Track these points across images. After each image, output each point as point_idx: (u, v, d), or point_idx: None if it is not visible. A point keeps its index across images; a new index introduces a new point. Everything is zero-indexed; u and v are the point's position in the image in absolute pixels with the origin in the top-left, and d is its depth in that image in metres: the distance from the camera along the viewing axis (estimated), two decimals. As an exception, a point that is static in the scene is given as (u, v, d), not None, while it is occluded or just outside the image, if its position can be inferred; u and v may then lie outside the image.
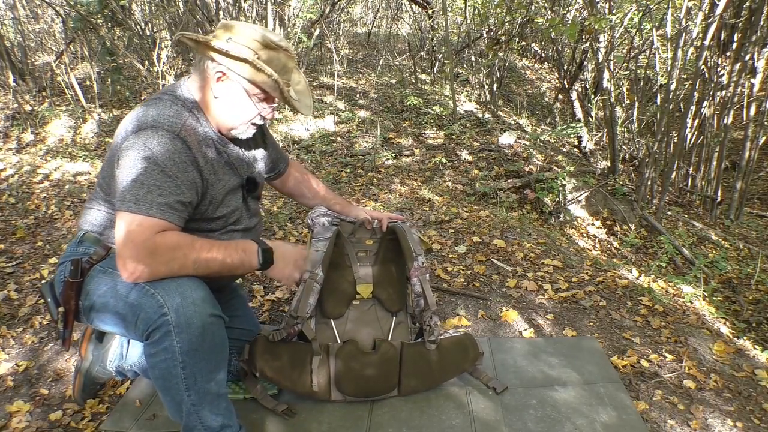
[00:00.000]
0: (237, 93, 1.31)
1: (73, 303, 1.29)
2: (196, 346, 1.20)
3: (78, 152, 4.67)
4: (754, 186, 6.36)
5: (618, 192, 4.75)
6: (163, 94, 1.31)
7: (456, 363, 1.67)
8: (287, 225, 3.09)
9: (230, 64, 1.27)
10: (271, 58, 1.29)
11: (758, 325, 2.88)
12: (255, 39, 1.27)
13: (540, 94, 8.73)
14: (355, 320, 1.68)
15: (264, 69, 1.26)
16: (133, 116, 1.25)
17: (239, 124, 1.35)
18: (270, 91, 1.32)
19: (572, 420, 1.57)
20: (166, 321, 1.17)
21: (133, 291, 1.21)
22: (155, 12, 6.55)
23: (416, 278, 1.64)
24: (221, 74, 1.29)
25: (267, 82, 1.29)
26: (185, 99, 1.31)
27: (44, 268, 2.38)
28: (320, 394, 1.54)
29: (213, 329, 1.23)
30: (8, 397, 1.64)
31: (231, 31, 1.27)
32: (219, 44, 1.25)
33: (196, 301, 1.19)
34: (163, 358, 1.20)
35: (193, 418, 1.27)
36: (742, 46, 4.39)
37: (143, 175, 1.17)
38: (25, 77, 5.86)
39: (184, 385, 1.23)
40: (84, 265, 1.29)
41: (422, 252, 1.69)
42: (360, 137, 5.58)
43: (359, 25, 12.03)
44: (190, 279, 1.22)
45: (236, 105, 1.32)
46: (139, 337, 1.23)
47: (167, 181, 1.19)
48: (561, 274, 2.59)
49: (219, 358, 1.28)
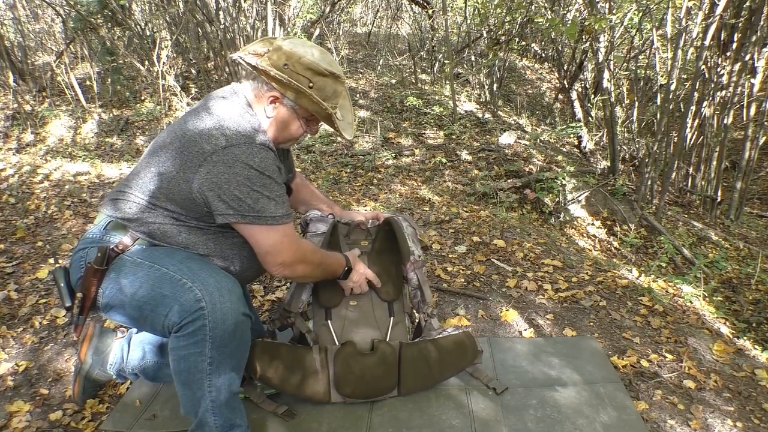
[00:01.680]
0: (289, 116, 1.38)
1: (93, 290, 1.29)
2: (226, 342, 1.23)
3: (78, 152, 4.68)
4: (754, 186, 6.37)
5: (618, 192, 4.75)
6: (233, 101, 1.34)
7: (455, 361, 1.67)
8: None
9: (285, 91, 1.32)
10: (324, 85, 1.33)
11: (758, 325, 2.88)
12: (310, 68, 1.30)
13: (540, 94, 8.73)
14: (353, 321, 1.68)
15: (320, 103, 1.33)
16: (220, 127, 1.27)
17: (287, 141, 1.44)
18: (321, 119, 1.40)
19: (572, 420, 1.57)
20: (202, 315, 1.19)
21: (167, 282, 1.22)
22: (155, 12, 6.55)
23: (413, 272, 1.67)
24: (274, 98, 1.34)
25: (319, 111, 1.36)
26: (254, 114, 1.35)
27: (44, 268, 2.38)
28: (320, 396, 1.54)
29: (243, 328, 1.28)
30: (8, 397, 1.64)
31: (288, 56, 1.29)
32: (277, 74, 1.28)
33: (232, 298, 1.24)
34: (192, 351, 1.22)
35: (208, 414, 1.28)
36: (742, 46, 4.39)
37: (264, 189, 1.26)
38: (25, 77, 5.86)
39: (207, 380, 1.25)
40: (110, 253, 1.29)
41: (418, 245, 1.72)
42: (360, 137, 5.58)
43: (359, 25, 12.03)
44: (226, 276, 1.29)
45: (287, 126, 1.39)
46: (165, 329, 1.24)
47: (281, 188, 1.32)
48: (561, 274, 2.59)
49: (242, 357, 1.33)
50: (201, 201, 1.27)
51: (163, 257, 1.28)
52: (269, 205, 1.26)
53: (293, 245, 1.34)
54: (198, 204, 1.28)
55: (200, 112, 1.31)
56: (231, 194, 1.23)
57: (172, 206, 1.30)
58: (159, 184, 1.30)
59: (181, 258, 1.29)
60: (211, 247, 1.35)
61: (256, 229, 1.28)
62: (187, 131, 1.28)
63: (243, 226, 1.28)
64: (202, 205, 1.27)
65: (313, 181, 4.38)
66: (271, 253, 1.31)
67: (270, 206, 1.27)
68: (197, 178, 1.24)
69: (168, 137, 1.32)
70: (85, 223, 2.95)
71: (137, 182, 1.33)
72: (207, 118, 1.29)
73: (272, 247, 1.30)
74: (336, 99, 1.38)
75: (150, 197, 1.31)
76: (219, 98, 1.35)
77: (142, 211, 1.32)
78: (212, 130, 1.26)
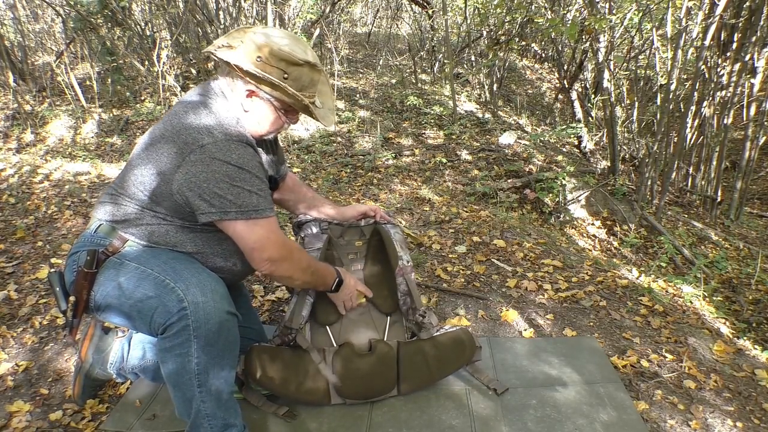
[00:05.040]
0: (266, 109, 1.36)
1: (85, 293, 1.29)
2: (212, 342, 1.22)
3: (78, 152, 4.68)
4: (754, 186, 6.37)
5: (618, 192, 4.75)
6: (208, 97, 1.32)
7: (454, 358, 1.66)
8: (287, 225, 3.09)
9: (260, 85, 1.30)
10: (300, 75, 1.31)
11: (758, 325, 2.88)
12: (283, 59, 1.27)
13: (540, 94, 8.73)
14: (350, 322, 1.68)
15: (296, 95, 1.31)
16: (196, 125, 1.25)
17: (266, 133, 1.41)
18: (298, 109, 1.38)
19: (572, 420, 1.57)
20: (185, 315, 1.18)
21: (151, 283, 1.22)
22: (155, 12, 6.54)
23: (402, 278, 1.66)
24: (250, 92, 1.32)
25: (296, 103, 1.34)
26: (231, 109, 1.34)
27: (44, 268, 2.38)
28: (319, 398, 1.54)
29: (228, 326, 1.26)
30: (8, 397, 1.64)
31: (260, 48, 1.27)
32: (250, 68, 1.26)
33: (215, 297, 1.22)
34: (178, 353, 1.21)
35: (201, 415, 1.27)
36: (742, 46, 4.39)
37: (244, 183, 1.24)
38: (25, 77, 5.86)
39: (196, 381, 1.24)
40: (100, 256, 1.29)
41: (406, 251, 1.71)
42: (360, 137, 5.58)
43: (359, 25, 12.03)
44: (210, 275, 1.27)
45: (265, 118, 1.37)
46: (153, 330, 1.24)
47: (263, 182, 1.29)
48: (561, 274, 2.59)
49: (231, 356, 1.31)
50: (182, 201, 1.26)
51: (149, 258, 1.28)
52: (251, 198, 1.24)
53: (279, 240, 1.31)
54: (180, 204, 1.27)
55: (178, 112, 1.30)
56: (211, 192, 1.21)
57: (156, 207, 1.30)
58: (143, 186, 1.29)
59: (166, 258, 1.28)
60: (200, 245, 1.34)
61: (240, 224, 1.26)
62: (165, 133, 1.27)
63: (227, 224, 1.26)
64: (184, 205, 1.27)
65: (313, 181, 4.38)
66: (257, 249, 1.28)
67: (252, 200, 1.25)
68: (176, 179, 1.23)
69: (149, 139, 1.32)
70: (85, 223, 2.95)
71: (123, 185, 1.34)
72: (183, 117, 1.27)
73: (257, 242, 1.27)
74: (313, 87, 1.36)
75: (136, 199, 1.31)
76: (195, 96, 1.34)
77: (130, 213, 1.32)
78: (189, 129, 1.25)
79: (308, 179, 4.43)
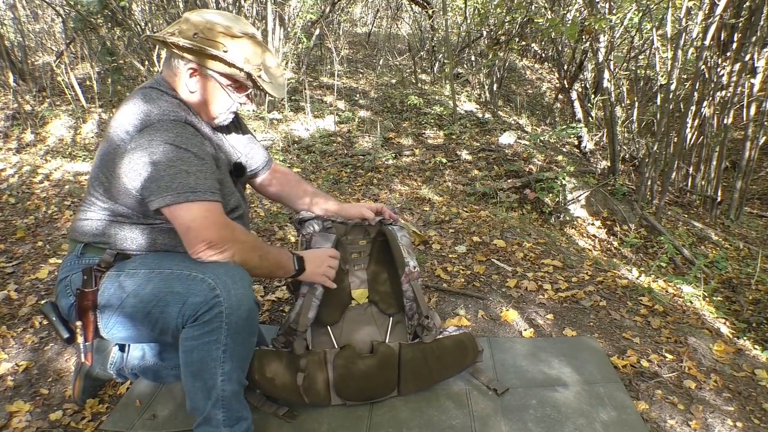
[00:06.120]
0: (211, 87, 1.33)
1: (91, 314, 1.27)
2: (240, 329, 1.23)
3: (78, 152, 4.68)
4: (754, 186, 6.37)
5: (618, 192, 4.76)
6: (149, 89, 1.30)
7: (455, 362, 1.66)
8: (287, 225, 3.09)
9: (201, 60, 1.29)
10: (240, 47, 1.30)
11: (758, 325, 2.88)
12: (221, 32, 1.27)
13: (540, 94, 8.73)
14: (352, 323, 1.67)
15: (234, 64, 1.28)
16: (131, 115, 1.24)
17: (218, 114, 1.38)
18: (243, 82, 1.35)
19: (572, 420, 1.57)
20: (218, 302, 1.18)
21: (175, 280, 1.21)
22: (155, 12, 6.54)
23: (408, 284, 1.63)
24: (193, 71, 1.31)
25: (239, 75, 1.31)
26: (170, 93, 1.32)
27: (44, 268, 2.38)
28: (320, 400, 1.53)
29: (254, 315, 1.27)
30: (8, 397, 1.64)
31: (196, 25, 1.27)
32: (186, 43, 1.25)
33: (244, 285, 1.23)
34: (207, 340, 1.21)
35: (218, 406, 1.27)
36: (742, 46, 4.39)
37: (181, 164, 1.19)
38: (25, 77, 5.86)
39: (221, 368, 1.24)
40: (96, 273, 1.27)
41: (413, 256, 1.67)
42: (360, 137, 5.58)
43: (359, 25, 12.03)
44: (236, 266, 1.26)
45: (212, 98, 1.34)
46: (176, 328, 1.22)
47: (204, 164, 1.24)
48: (561, 274, 2.59)
49: (250, 348, 1.32)
50: (135, 194, 1.24)
51: (162, 260, 1.28)
52: (188, 179, 1.18)
53: (219, 222, 1.22)
54: (137, 199, 1.25)
55: (121, 109, 1.28)
56: (150, 176, 1.18)
57: (123, 209, 1.28)
58: (103, 193, 1.28)
59: (175, 257, 1.28)
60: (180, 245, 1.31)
61: (175, 208, 1.18)
62: (109, 132, 1.26)
63: (166, 210, 1.20)
64: (140, 199, 1.24)
65: (313, 182, 4.38)
66: (192, 229, 1.19)
67: (189, 181, 1.18)
68: (122, 171, 1.22)
69: (101, 146, 1.31)
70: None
71: (88, 199, 1.33)
72: (125, 110, 1.26)
73: (193, 222, 1.18)
74: (257, 60, 1.33)
75: (103, 210, 1.30)
76: (138, 90, 1.32)
77: (107, 225, 1.31)
78: (129, 119, 1.23)
79: (308, 179, 4.44)
